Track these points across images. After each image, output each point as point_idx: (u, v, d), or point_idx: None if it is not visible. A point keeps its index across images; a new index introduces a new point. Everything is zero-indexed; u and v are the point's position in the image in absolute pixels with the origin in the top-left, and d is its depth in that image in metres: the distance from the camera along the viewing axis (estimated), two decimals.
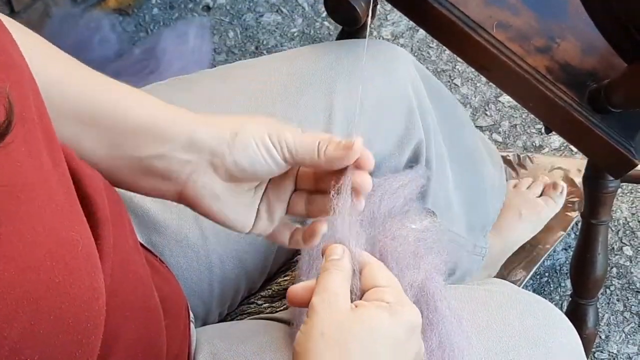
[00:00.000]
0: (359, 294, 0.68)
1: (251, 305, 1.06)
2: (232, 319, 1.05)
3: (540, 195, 1.66)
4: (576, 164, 1.71)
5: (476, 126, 1.87)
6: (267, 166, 0.72)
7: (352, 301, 0.67)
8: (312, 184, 0.76)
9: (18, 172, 0.50)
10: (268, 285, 1.07)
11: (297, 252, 0.99)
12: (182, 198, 0.75)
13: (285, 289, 1.03)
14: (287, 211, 0.78)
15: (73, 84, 0.74)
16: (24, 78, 0.58)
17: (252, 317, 1.03)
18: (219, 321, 1.04)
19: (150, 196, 0.77)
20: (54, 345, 0.53)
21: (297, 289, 0.68)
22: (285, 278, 1.06)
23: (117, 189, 0.86)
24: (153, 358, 0.76)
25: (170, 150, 0.73)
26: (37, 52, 0.73)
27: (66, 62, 0.76)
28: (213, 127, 0.73)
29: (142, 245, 0.90)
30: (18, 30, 0.65)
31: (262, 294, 1.06)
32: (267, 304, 1.04)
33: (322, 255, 0.70)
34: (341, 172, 0.72)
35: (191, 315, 0.92)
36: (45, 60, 0.73)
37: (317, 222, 0.76)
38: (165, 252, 0.95)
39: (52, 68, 0.74)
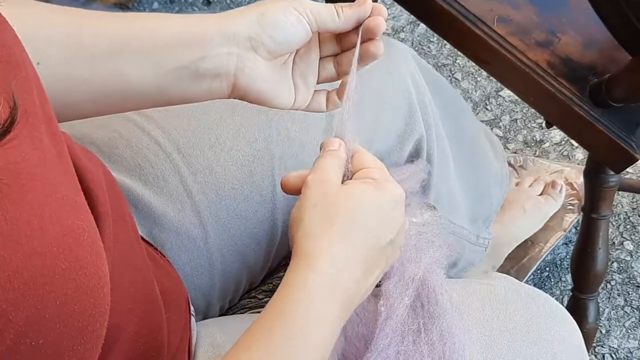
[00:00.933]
0: (350, 176, 0.76)
1: (252, 300, 1.06)
2: (232, 313, 1.06)
3: (541, 194, 1.68)
4: (576, 169, 1.72)
5: None
6: (298, 34, 0.78)
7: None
8: (335, 47, 0.83)
9: (22, 163, 0.51)
10: (269, 279, 1.07)
11: None
12: (235, 90, 0.79)
13: None
14: (319, 79, 0.84)
15: (97, 23, 0.77)
16: (27, 73, 0.59)
17: (252, 311, 1.04)
18: (220, 315, 1.04)
19: (205, 100, 0.81)
20: (59, 331, 0.53)
21: (290, 177, 0.76)
22: None
23: (118, 186, 0.86)
24: (155, 351, 0.76)
25: (211, 49, 0.77)
26: (49, 9, 0.76)
27: (79, 10, 0.79)
28: (238, 17, 0.78)
29: (142, 238, 0.90)
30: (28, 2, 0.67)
31: (263, 288, 1.06)
32: (267, 298, 1.04)
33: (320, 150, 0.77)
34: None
35: (192, 308, 0.93)
36: (60, 12, 0.76)
37: (346, 77, 0.82)
38: (166, 246, 0.95)
39: (70, 16, 0.76)
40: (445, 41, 1.20)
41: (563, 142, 1.84)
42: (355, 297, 0.71)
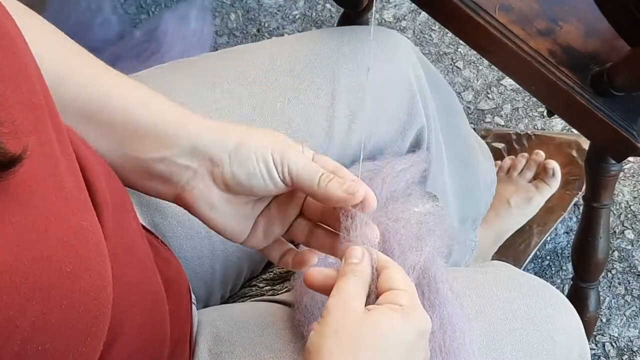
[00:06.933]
0: (373, 297, 0.69)
1: (253, 288, 1.06)
2: (233, 302, 1.06)
3: (534, 177, 1.66)
4: (576, 140, 1.70)
5: (478, 109, 1.87)
6: (265, 184, 0.72)
7: (369, 303, 0.68)
8: (317, 216, 0.77)
9: (28, 161, 0.50)
10: (270, 268, 1.07)
11: None
12: (179, 200, 0.76)
13: (287, 272, 1.03)
14: (287, 234, 0.78)
15: (81, 79, 0.74)
16: (28, 63, 0.58)
17: (253, 299, 1.04)
18: (221, 303, 1.04)
19: (149, 195, 0.78)
20: (64, 334, 0.53)
21: (315, 273, 0.70)
22: None
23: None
24: (158, 341, 0.76)
25: (173, 154, 0.73)
26: (44, 43, 0.72)
27: (74, 54, 0.76)
28: (218, 134, 0.73)
29: (144, 227, 0.90)
30: (21, 16, 0.65)
31: (263, 276, 1.06)
32: (268, 287, 1.04)
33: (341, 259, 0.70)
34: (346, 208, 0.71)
35: (193, 297, 0.93)
36: (53, 52, 0.73)
37: (309, 252, 0.77)
38: (168, 234, 0.95)
39: (59, 62, 0.73)
40: (446, 29, 1.20)
41: (564, 131, 1.84)
42: None
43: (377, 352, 0.64)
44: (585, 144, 1.35)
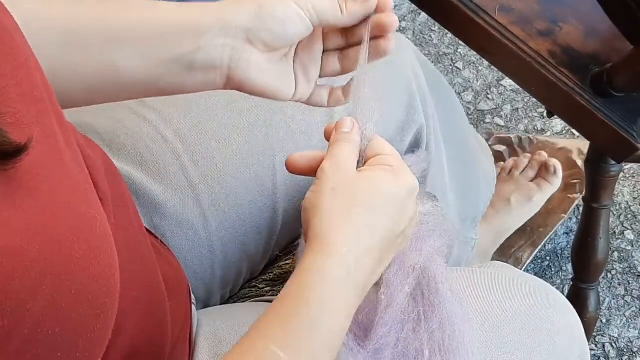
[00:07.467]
0: (362, 163, 0.75)
1: (253, 289, 1.06)
2: (233, 302, 1.06)
3: (536, 176, 1.66)
4: (578, 145, 1.70)
5: (478, 110, 1.87)
6: (297, 28, 0.76)
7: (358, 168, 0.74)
8: (341, 41, 0.81)
9: (34, 152, 0.51)
10: (270, 268, 1.07)
11: (298, 236, 0.99)
12: (230, 82, 0.78)
13: (287, 273, 1.03)
14: (322, 73, 0.82)
15: (93, 11, 0.76)
16: (28, 57, 0.59)
17: (253, 300, 1.04)
18: (221, 304, 1.05)
19: (198, 91, 0.80)
20: (74, 319, 0.54)
21: (296, 157, 0.75)
22: (287, 262, 1.06)
23: (119, 173, 0.86)
24: (158, 338, 0.76)
25: (207, 40, 0.75)
26: (47, 2, 0.75)
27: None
28: (235, 7, 0.76)
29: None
30: None
31: (263, 277, 1.06)
32: (268, 288, 1.04)
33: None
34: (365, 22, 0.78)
35: (193, 297, 0.93)
36: (57, 5, 0.75)
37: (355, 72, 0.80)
38: (167, 235, 0.95)
39: (67, 5, 0.75)
40: (446, 30, 1.19)
41: (564, 132, 1.84)
42: (368, 285, 0.71)
43: (371, 206, 0.70)
44: (586, 147, 1.35)
